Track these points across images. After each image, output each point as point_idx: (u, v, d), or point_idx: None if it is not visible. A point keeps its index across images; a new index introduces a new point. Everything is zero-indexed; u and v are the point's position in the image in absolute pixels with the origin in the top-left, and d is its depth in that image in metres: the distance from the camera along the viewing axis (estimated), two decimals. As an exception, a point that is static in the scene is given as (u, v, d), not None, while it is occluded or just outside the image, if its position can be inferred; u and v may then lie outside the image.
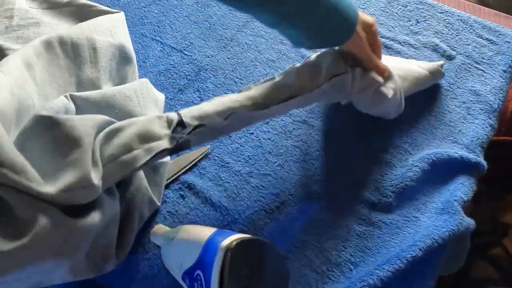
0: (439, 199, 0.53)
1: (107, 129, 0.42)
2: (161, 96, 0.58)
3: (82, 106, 0.47)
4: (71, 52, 0.53)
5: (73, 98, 0.46)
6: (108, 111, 0.47)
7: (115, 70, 0.56)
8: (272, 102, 0.47)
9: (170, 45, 0.67)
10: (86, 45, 0.54)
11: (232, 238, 0.38)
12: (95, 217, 0.39)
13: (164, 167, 0.52)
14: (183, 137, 0.43)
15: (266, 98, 0.47)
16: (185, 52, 0.67)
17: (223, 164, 0.56)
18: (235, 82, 0.64)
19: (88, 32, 0.55)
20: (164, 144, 0.42)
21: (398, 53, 0.67)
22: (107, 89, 0.51)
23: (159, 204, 0.51)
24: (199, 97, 0.62)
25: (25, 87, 0.45)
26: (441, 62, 0.60)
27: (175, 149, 0.43)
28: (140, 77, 0.57)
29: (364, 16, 0.49)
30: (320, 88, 0.48)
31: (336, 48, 0.51)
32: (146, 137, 0.42)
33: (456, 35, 0.69)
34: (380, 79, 0.51)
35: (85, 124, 0.40)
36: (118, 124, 0.42)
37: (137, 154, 0.40)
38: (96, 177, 0.37)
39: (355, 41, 0.48)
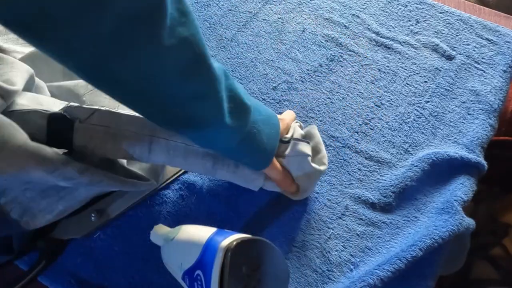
0: (439, 199, 0.53)
1: None
2: None
3: (56, 93, 0.49)
4: None
5: (48, 87, 0.49)
6: (77, 99, 0.49)
7: None
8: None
9: (170, 45, 0.67)
10: None
11: (232, 238, 0.38)
12: None
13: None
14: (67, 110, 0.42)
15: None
16: (185, 52, 0.67)
17: (223, 164, 0.56)
18: (235, 82, 0.64)
19: None
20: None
21: (398, 53, 0.67)
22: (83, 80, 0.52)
23: (156, 183, 0.51)
24: (199, 97, 0.62)
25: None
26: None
27: (54, 123, 0.41)
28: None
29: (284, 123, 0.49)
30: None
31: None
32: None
33: (456, 35, 0.69)
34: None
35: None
36: None
37: None
38: None
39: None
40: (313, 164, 0.49)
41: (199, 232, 0.42)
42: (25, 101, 0.42)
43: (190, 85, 0.36)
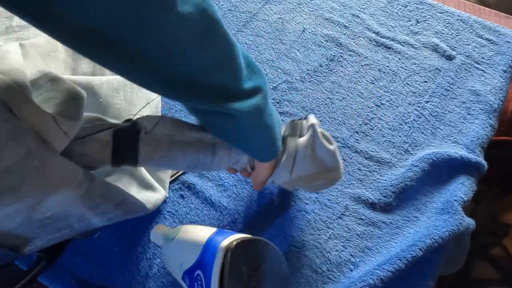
0: (439, 199, 0.53)
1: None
2: (156, 96, 0.57)
3: None
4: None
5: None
6: (92, 99, 0.47)
7: None
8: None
9: (170, 45, 0.67)
10: None
11: (232, 238, 0.38)
12: None
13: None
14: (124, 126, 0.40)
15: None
16: (185, 52, 0.67)
17: (223, 164, 0.56)
18: (235, 82, 0.64)
19: None
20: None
21: (398, 53, 0.67)
22: (97, 77, 0.50)
23: (166, 193, 0.51)
24: (199, 97, 0.62)
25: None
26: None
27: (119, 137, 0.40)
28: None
29: None
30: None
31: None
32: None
33: (456, 35, 0.69)
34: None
35: None
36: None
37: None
38: None
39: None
40: (324, 142, 0.46)
41: (199, 232, 0.42)
42: (86, 124, 0.40)
43: (208, 52, 0.35)
